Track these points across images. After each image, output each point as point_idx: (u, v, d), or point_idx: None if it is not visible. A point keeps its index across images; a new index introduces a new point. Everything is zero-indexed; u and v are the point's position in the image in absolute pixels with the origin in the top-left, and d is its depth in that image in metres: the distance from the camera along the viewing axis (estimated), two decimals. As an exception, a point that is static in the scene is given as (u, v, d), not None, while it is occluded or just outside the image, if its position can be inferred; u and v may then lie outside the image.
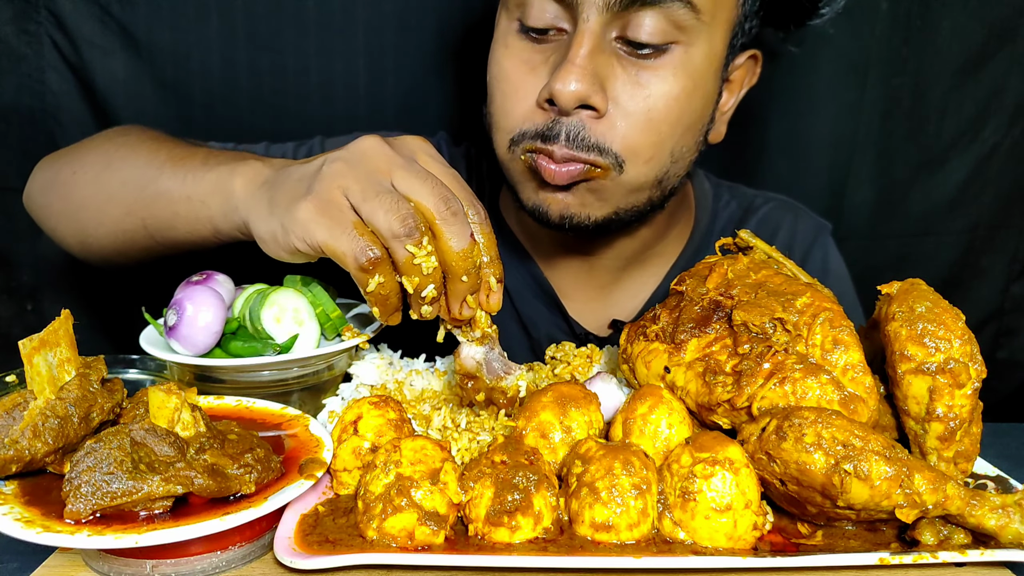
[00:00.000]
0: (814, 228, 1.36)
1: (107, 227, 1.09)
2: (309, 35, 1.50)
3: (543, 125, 1.02)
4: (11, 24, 1.45)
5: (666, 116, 1.02)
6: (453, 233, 0.78)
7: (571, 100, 0.97)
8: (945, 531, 0.71)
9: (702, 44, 1.02)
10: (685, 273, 0.90)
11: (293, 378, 0.94)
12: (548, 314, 1.28)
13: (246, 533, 0.70)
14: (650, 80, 1.01)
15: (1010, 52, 1.59)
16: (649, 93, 1.01)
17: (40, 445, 0.68)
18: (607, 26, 0.98)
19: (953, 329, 0.74)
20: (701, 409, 0.80)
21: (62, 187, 1.14)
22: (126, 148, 1.11)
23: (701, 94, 1.06)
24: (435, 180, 0.80)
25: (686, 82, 1.02)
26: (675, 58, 1.01)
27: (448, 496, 0.70)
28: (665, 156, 1.06)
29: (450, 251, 0.79)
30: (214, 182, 0.95)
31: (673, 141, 1.05)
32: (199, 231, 0.99)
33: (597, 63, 0.98)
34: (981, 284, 1.74)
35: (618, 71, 1.00)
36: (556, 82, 0.97)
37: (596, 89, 0.98)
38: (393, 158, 0.81)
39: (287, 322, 0.93)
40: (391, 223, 0.77)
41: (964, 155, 1.65)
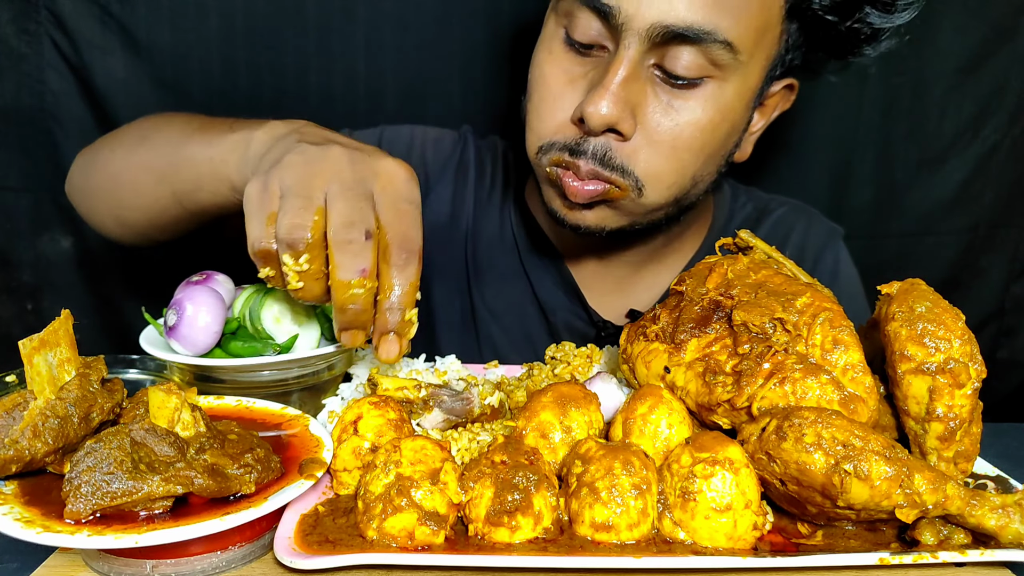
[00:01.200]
0: (826, 232, 1.39)
1: (143, 197, 1.12)
2: (309, 35, 1.50)
3: (572, 140, 1.05)
4: (11, 24, 1.45)
5: (690, 145, 1.05)
6: (342, 262, 0.79)
7: (600, 124, 1.00)
8: (945, 531, 0.71)
9: (736, 80, 1.04)
10: (685, 273, 0.90)
11: (293, 378, 0.94)
12: (568, 302, 1.32)
13: (246, 533, 0.70)
14: (681, 108, 1.03)
15: (1010, 51, 1.59)
16: (677, 122, 1.03)
17: (40, 445, 0.68)
18: (646, 54, 1.00)
19: (953, 329, 0.74)
20: (701, 409, 0.80)
21: (100, 165, 1.18)
22: (162, 122, 1.16)
23: (728, 126, 1.08)
24: (357, 204, 0.79)
25: (714, 115, 1.04)
26: (707, 91, 1.03)
27: (448, 496, 0.70)
28: (686, 181, 1.09)
29: (335, 278, 0.79)
30: (235, 140, 0.97)
31: (695, 168, 1.08)
32: (220, 191, 1.00)
33: (631, 90, 1.01)
34: (981, 284, 1.74)
35: (650, 97, 1.02)
36: (589, 104, 1.00)
37: (626, 116, 1.01)
38: (341, 172, 0.81)
39: (287, 322, 0.93)
40: (281, 224, 0.79)
41: (964, 154, 1.65)
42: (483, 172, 1.38)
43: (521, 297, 1.34)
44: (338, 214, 0.79)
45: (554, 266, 1.32)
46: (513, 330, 1.34)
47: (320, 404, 0.95)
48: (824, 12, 1.05)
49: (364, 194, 0.81)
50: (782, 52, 1.09)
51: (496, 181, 1.38)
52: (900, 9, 1.07)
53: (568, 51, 1.06)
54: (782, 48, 1.09)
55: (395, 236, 0.81)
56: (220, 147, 0.99)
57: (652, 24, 0.97)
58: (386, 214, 0.81)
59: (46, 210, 1.53)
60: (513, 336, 1.33)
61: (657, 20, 0.96)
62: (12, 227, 1.54)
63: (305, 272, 0.80)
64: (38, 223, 1.54)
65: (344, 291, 0.79)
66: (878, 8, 1.06)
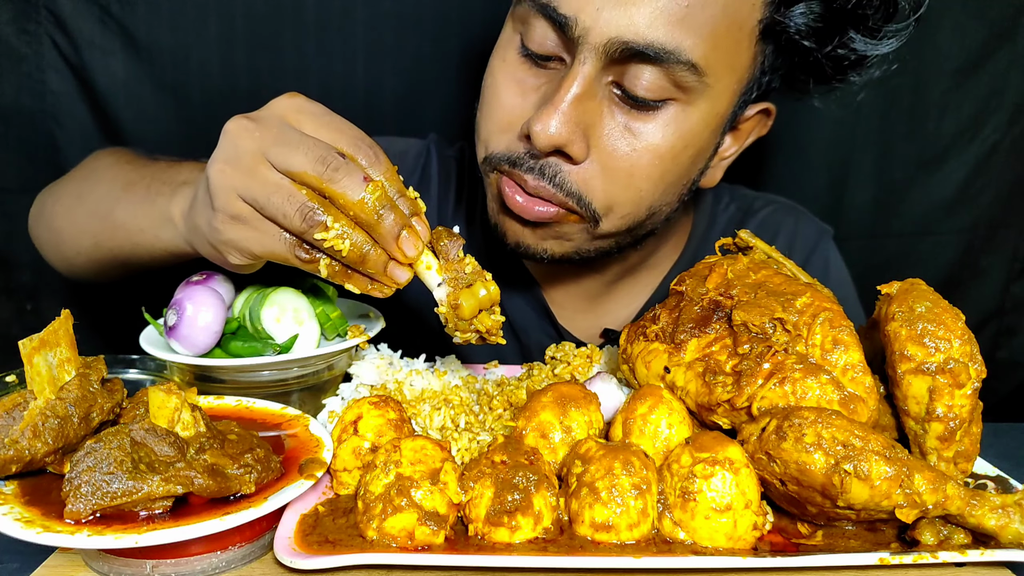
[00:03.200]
0: (816, 232, 1.33)
1: (83, 256, 1.14)
2: (309, 35, 1.50)
3: (518, 154, 0.98)
4: (11, 24, 1.45)
5: (649, 173, 0.97)
6: (344, 188, 0.76)
7: (547, 145, 0.93)
8: (945, 531, 0.71)
9: (702, 104, 0.96)
10: (685, 273, 0.90)
11: (293, 378, 0.94)
12: (538, 321, 1.26)
13: (246, 533, 0.70)
14: (639, 132, 0.95)
15: (1010, 51, 1.59)
16: (635, 147, 0.95)
17: (40, 445, 0.68)
18: (603, 71, 0.93)
19: (953, 329, 0.74)
20: (701, 409, 0.80)
21: (46, 218, 1.19)
22: (93, 179, 1.15)
23: (692, 153, 1.00)
24: (307, 142, 0.76)
25: (676, 141, 0.97)
26: (669, 115, 0.95)
27: (448, 496, 0.70)
28: (642, 211, 1.02)
29: (352, 204, 0.77)
30: (159, 214, 0.96)
31: (653, 198, 1.01)
32: (159, 257, 1.03)
33: (584, 109, 0.93)
34: (981, 284, 1.74)
35: (607, 118, 0.95)
36: (536, 122, 0.92)
37: (576, 137, 0.93)
38: (261, 137, 0.78)
39: (287, 322, 0.93)
40: (293, 223, 0.76)
41: (964, 154, 1.65)
42: (448, 186, 1.31)
43: None
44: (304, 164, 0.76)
45: (523, 283, 1.25)
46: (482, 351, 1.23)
47: (320, 404, 0.95)
48: (801, 37, 0.97)
49: (298, 135, 0.77)
50: (757, 75, 1.02)
51: (462, 195, 1.31)
52: (888, 35, 1.00)
53: (523, 61, 0.99)
54: (756, 71, 1.01)
55: (348, 142, 0.78)
56: (147, 219, 0.99)
57: (610, 39, 0.89)
58: (322, 133, 0.78)
59: (46, 210, 1.53)
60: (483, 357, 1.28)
61: (616, 35, 0.89)
62: (12, 227, 1.54)
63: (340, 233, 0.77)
64: (38, 223, 1.54)
65: (368, 209, 0.76)
66: (863, 33, 0.98)
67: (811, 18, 0.95)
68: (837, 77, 1.06)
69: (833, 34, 0.98)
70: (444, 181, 1.32)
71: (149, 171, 1.05)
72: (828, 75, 1.06)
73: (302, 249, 0.79)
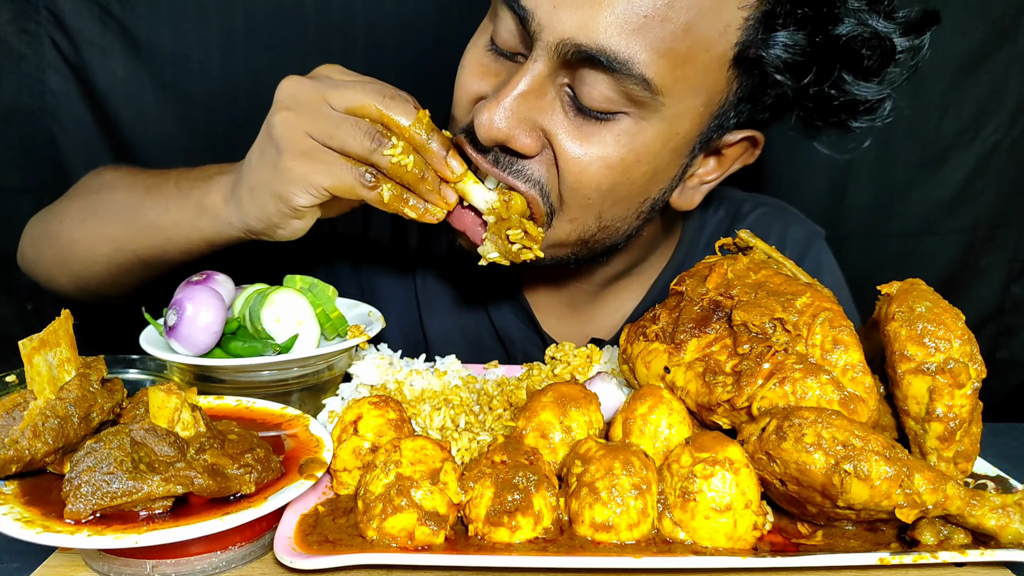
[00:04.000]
0: (806, 234, 1.30)
1: (100, 265, 1.14)
2: (309, 35, 1.50)
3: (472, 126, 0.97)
4: (11, 24, 1.45)
5: (598, 182, 0.94)
6: (399, 113, 0.90)
7: (487, 138, 0.92)
8: (945, 531, 0.71)
9: (658, 122, 0.93)
10: (685, 273, 0.90)
11: (293, 378, 0.94)
12: (524, 329, 1.25)
13: (246, 533, 0.70)
14: (590, 137, 0.93)
15: (1010, 50, 1.59)
16: (587, 151, 0.93)
17: (40, 445, 0.68)
18: (557, 71, 0.91)
19: (953, 329, 0.74)
20: (701, 409, 0.80)
21: (52, 237, 1.19)
22: (105, 190, 1.17)
23: (645, 170, 0.96)
24: (361, 82, 0.92)
25: (627, 154, 0.93)
26: (622, 126, 0.92)
27: (448, 496, 0.70)
28: (590, 220, 0.99)
29: (405, 130, 0.90)
30: (196, 205, 1.02)
31: (601, 208, 0.98)
32: (193, 249, 1.06)
33: (532, 106, 0.91)
34: (981, 284, 1.74)
35: (559, 116, 0.93)
36: (478, 113, 0.91)
37: (519, 133, 0.92)
38: (317, 86, 0.92)
39: (287, 322, 0.93)
40: (362, 143, 0.89)
41: (964, 154, 1.65)
42: None
43: (477, 327, 1.26)
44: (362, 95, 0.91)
45: (508, 291, 1.23)
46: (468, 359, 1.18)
47: (320, 404, 0.95)
48: (775, 71, 0.92)
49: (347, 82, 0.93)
50: (732, 101, 0.97)
51: None
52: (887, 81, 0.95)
53: (490, 50, 0.98)
54: (732, 97, 0.97)
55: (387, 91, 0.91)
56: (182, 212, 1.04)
57: (563, 39, 0.87)
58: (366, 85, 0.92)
59: (46, 210, 1.53)
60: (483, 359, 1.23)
61: (569, 36, 0.86)
62: (12, 227, 1.53)
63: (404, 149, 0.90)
64: (38, 223, 1.54)
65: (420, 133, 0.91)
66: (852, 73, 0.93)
67: (793, 51, 0.91)
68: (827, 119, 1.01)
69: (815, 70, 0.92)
70: None
71: (172, 174, 1.09)
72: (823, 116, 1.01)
73: (369, 173, 0.90)
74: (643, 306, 1.24)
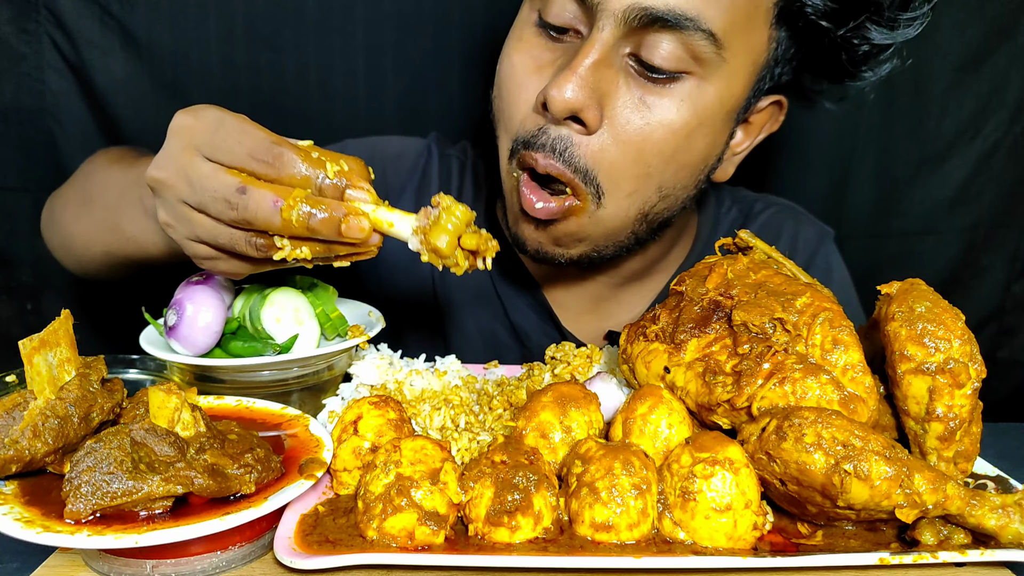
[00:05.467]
0: (817, 234, 1.32)
1: (96, 261, 1.13)
2: (309, 35, 1.50)
3: (531, 132, 0.98)
4: (11, 24, 1.45)
5: (660, 148, 0.97)
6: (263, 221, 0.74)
7: (563, 109, 0.93)
8: (945, 531, 0.71)
9: (718, 81, 0.96)
10: (685, 273, 0.90)
11: (293, 378, 0.94)
12: (541, 324, 1.25)
13: (246, 533, 0.70)
14: (654, 105, 0.95)
15: (1010, 49, 1.59)
16: (649, 120, 0.95)
17: (40, 445, 0.68)
18: (622, 40, 0.93)
19: (953, 329, 0.74)
20: (701, 409, 0.80)
21: (56, 223, 1.19)
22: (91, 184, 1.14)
23: (705, 133, 0.99)
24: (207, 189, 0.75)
25: (690, 117, 0.96)
26: (685, 89, 0.95)
27: (448, 496, 0.70)
28: (650, 191, 1.01)
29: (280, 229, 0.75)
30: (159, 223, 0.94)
31: (662, 177, 1.00)
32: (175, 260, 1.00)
33: (601, 76, 0.93)
34: (981, 283, 1.74)
35: (622, 89, 0.95)
36: (552, 87, 0.92)
37: (591, 104, 0.93)
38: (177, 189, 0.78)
39: (287, 322, 0.93)
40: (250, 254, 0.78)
41: (964, 153, 1.65)
42: (448, 186, 1.30)
43: (493, 321, 1.27)
44: (217, 212, 0.75)
45: (527, 286, 1.24)
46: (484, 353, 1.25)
47: (320, 404, 0.95)
48: (818, 17, 0.97)
49: (197, 182, 0.76)
50: (771, 62, 1.02)
51: (464, 195, 1.30)
52: (903, 24, 1.00)
53: (539, 35, 0.99)
54: (771, 57, 1.02)
55: (244, 156, 0.75)
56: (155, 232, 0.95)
57: (630, 5, 0.89)
58: (222, 153, 0.76)
59: (46, 210, 1.53)
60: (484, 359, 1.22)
61: (635, 1, 0.89)
62: (12, 227, 1.54)
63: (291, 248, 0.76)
64: (38, 223, 1.54)
65: (292, 227, 0.74)
66: (878, 21, 0.99)
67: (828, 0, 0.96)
68: (850, 71, 1.06)
69: (848, 17, 0.98)
70: (444, 180, 1.31)
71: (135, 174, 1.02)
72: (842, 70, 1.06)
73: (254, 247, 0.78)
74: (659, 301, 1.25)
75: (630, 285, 1.25)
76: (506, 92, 1.03)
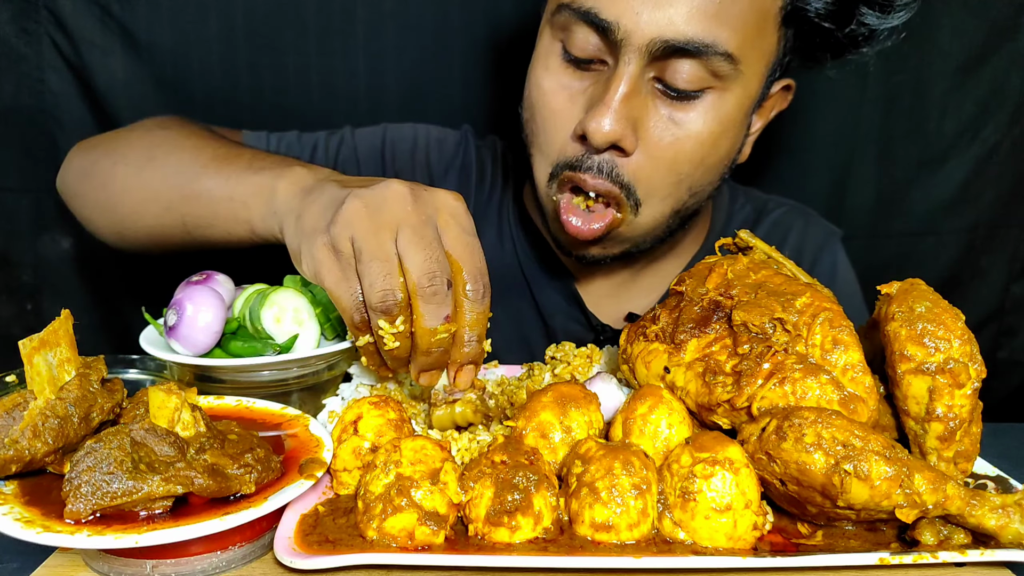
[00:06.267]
0: (824, 234, 1.38)
1: (146, 221, 1.10)
2: (309, 34, 1.50)
3: (575, 157, 1.05)
4: (11, 24, 1.44)
5: (690, 157, 1.05)
6: (427, 312, 0.80)
7: (604, 141, 1.00)
8: (945, 531, 0.71)
9: (737, 89, 1.03)
10: (685, 273, 0.90)
11: (293, 378, 0.94)
12: (565, 305, 1.31)
13: (246, 533, 0.70)
14: (681, 121, 1.03)
15: (1010, 50, 1.59)
16: (678, 136, 1.03)
17: (40, 445, 0.68)
18: (646, 68, 1.00)
19: (953, 329, 0.74)
20: (701, 409, 0.80)
21: (101, 177, 1.14)
22: (169, 143, 1.12)
23: (729, 135, 1.07)
24: (433, 252, 0.80)
25: (715, 127, 1.04)
26: (708, 102, 1.03)
27: (448, 496, 0.70)
28: (682, 193, 1.09)
29: (420, 326, 0.81)
30: (258, 184, 0.96)
31: (692, 179, 1.08)
32: (236, 231, 1.01)
33: (632, 105, 1.00)
34: (981, 284, 1.74)
35: (651, 111, 1.02)
36: (591, 121, 0.99)
37: (628, 132, 1.01)
38: (407, 216, 0.81)
39: (287, 322, 0.93)
40: (372, 295, 0.79)
41: (964, 154, 1.65)
42: (484, 175, 1.37)
43: (519, 301, 1.33)
44: (417, 267, 0.79)
45: (552, 268, 1.31)
46: (510, 334, 1.31)
47: (320, 404, 0.95)
48: (821, 20, 1.04)
49: (434, 238, 0.81)
50: (780, 57, 1.09)
51: (496, 184, 1.37)
52: (897, 9, 1.06)
53: (566, 66, 1.06)
54: (780, 53, 1.08)
55: (470, 272, 0.82)
56: (240, 188, 0.98)
57: (652, 39, 0.96)
58: (456, 250, 0.82)
59: (46, 210, 1.53)
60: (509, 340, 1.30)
61: (657, 35, 0.96)
62: (12, 227, 1.54)
63: (400, 332, 0.81)
64: (38, 223, 1.54)
65: (429, 338, 0.81)
66: (875, 9, 1.05)
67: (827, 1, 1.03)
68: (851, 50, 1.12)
69: (849, 16, 1.04)
70: (480, 169, 1.37)
71: (247, 151, 1.05)
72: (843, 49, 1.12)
73: (361, 318, 0.82)
74: None
75: (650, 269, 1.30)
76: (541, 119, 1.09)
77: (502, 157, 1.39)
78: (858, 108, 1.60)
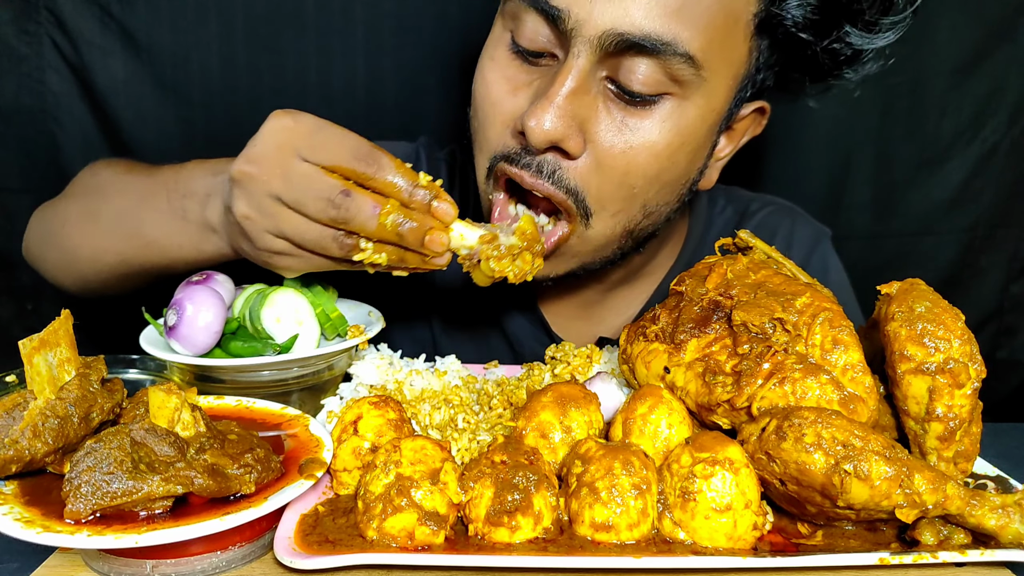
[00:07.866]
0: (813, 234, 1.31)
1: (105, 272, 1.11)
2: (308, 35, 1.50)
3: (512, 148, 0.97)
4: (11, 24, 1.45)
5: (644, 171, 0.95)
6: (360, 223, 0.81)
7: (542, 140, 0.91)
8: (945, 531, 0.71)
9: (699, 99, 0.94)
10: (685, 273, 0.90)
11: (293, 378, 0.94)
12: (531, 329, 1.25)
13: (246, 533, 0.70)
14: (635, 128, 0.93)
15: (1009, 51, 1.59)
16: (631, 144, 0.94)
17: (40, 445, 0.68)
18: (598, 64, 0.91)
19: (952, 329, 0.74)
20: (701, 409, 0.80)
21: (54, 238, 1.16)
22: (100, 194, 1.12)
23: (688, 150, 0.98)
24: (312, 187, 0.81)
25: (673, 138, 0.95)
26: (665, 110, 0.93)
27: (448, 496, 0.70)
28: (635, 210, 1.00)
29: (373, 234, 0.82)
30: (196, 228, 0.96)
31: (646, 196, 0.99)
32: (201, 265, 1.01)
33: (579, 103, 0.91)
34: (981, 284, 1.74)
35: (602, 114, 0.93)
36: (530, 118, 0.90)
37: (572, 132, 0.92)
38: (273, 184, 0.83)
39: (287, 322, 0.93)
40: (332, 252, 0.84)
41: (963, 154, 1.65)
42: None
43: (485, 326, 1.26)
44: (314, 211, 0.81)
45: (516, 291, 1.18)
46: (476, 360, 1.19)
47: (320, 404, 0.95)
48: (798, 30, 0.95)
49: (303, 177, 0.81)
50: (752, 71, 1.00)
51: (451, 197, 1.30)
52: (884, 29, 0.98)
53: (513, 58, 0.97)
54: (752, 67, 0.99)
55: (355, 158, 0.82)
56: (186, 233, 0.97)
57: (605, 31, 0.87)
58: (330, 159, 0.81)
59: (46, 210, 1.53)
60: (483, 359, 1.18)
61: (610, 27, 0.87)
62: (12, 227, 1.53)
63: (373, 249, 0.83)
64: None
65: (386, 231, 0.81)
66: (859, 27, 0.97)
67: (808, 10, 0.94)
68: (833, 73, 1.05)
69: (829, 28, 0.97)
70: None
71: (161, 179, 1.03)
72: (824, 71, 1.04)
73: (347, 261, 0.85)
74: (650, 305, 1.23)
75: (620, 289, 1.24)
76: (482, 113, 1.00)
77: (460, 171, 1.31)
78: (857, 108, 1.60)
